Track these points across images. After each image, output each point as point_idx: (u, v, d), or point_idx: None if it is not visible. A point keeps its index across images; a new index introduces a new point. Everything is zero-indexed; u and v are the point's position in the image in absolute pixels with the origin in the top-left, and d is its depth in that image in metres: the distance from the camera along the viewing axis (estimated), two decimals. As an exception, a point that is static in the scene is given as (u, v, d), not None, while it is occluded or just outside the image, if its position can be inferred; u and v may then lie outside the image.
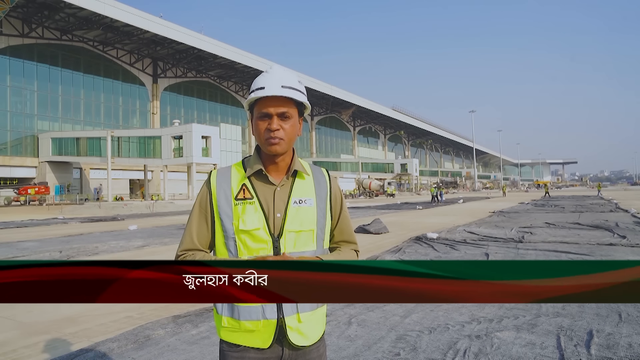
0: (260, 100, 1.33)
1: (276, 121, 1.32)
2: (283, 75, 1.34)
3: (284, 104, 1.33)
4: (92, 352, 3.41)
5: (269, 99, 1.32)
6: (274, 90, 1.30)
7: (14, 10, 34.62)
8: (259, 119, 1.34)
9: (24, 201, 35.11)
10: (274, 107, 1.32)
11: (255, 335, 1.30)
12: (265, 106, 1.32)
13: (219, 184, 1.38)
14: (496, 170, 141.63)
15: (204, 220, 1.38)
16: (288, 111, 1.33)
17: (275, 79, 1.33)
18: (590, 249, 7.96)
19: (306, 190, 1.39)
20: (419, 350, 3.25)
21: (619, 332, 3.56)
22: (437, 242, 9.48)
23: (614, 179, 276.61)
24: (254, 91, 1.35)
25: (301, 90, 1.37)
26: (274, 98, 1.32)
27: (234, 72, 53.38)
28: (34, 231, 14.79)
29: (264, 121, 1.33)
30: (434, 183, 72.51)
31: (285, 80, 1.33)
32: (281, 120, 1.33)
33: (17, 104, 38.87)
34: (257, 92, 1.33)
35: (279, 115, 1.32)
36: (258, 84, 1.34)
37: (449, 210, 23.34)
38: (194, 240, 1.36)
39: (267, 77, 1.34)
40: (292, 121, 1.35)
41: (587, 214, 16.89)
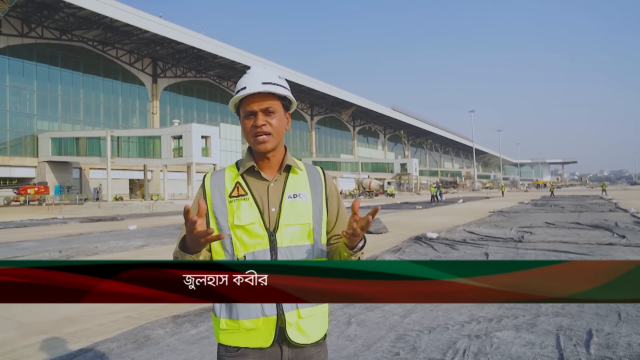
0: (244, 100, 1.36)
1: (261, 117, 1.34)
2: (263, 73, 1.37)
3: (267, 99, 1.35)
4: (91, 352, 3.41)
5: (252, 97, 1.35)
6: (255, 87, 1.33)
7: (14, 10, 34.60)
8: (245, 118, 1.37)
9: (24, 201, 35.11)
10: (257, 104, 1.34)
11: (255, 334, 1.30)
12: (249, 104, 1.35)
13: (213, 184, 1.41)
14: (496, 170, 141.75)
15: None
16: (271, 106, 1.35)
17: (255, 77, 1.36)
18: (589, 249, 7.96)
19: (300, 185, 1.40)
20: (419, 350, 3.25)
21: (618, 331, 3.56)
22: (437, 242, 9.48)
23: (613, 179, 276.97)
24: (236, 93, 1.38)
25: (282, 84, 1.39)
26: (256, 95, 1.34)
27: (233, 72, 53.38)
28: (33, 231, 14.79)
29: (250, 119, 1.36)
30: (433, 183, 72.57)
31: (265, 77, 1.36)
32: (266, 115, 1.35)
33: (17, 104, 38.87)
34: (239, 92, 1.36)
35: (263, 111, 1.35)
36: (240, 86, 1.37)
37: (449, 210, 23.35)
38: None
39: (247, 77, 1.37)
40: (277, 115, 1.37)
41: (586, 213, 16.90)
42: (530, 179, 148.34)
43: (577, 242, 8.77)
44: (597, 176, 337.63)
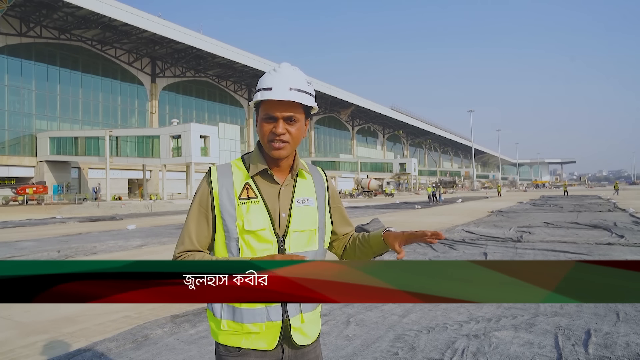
0: (267, 101, 1.27)
1: (282, 125, 1.26)
2: (291, 76, 1.27)
3: (292, 107, 1.26)
4: (90, 352, 3.41)
5: (276, 102, 1.25)
6: (282, 93, 1.24)
7: (12, 9, 34.53)
8: (264, 121, 1.28)
9: (22, 201, 35.07)
10: (280, 111, 1.26)
11: (258, 337, 1.29)
12: (272, 109, 1.26)
13: (220, 181, 1.32)
14: (495, 170, 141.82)
15: (204, 220, 1.32)
16: (295, 115, 1.27)
17: (283, 79, 1.26)
18: (588, 249, 7.98)
19: (308, 190, 1.38)
20: (417, 350, 3.26)
21: (617, 331, 3.57)
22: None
23: (612, 179, 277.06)
24: (260, 90, 1.28)
25: (310, 92, 1.31)
26: (282, 101, 1.25)
27: (232, 72, 53.32)
28: (32, 231, 14.76)
29: (269, 123, 1.27)
30: (432, 182, 72.58)
31: (294, 81, 1.26)
32: (287, 124, 1.27)
33: (15, 104, 38.80)
34: (264, 92, 1.26)
35: (285, 119, 1.27)
36: (265, 84, 1.27)
37: (448, 209, 23.36)
38: (193, 240, 1.30)
39: (274, 76, 1.27)
40: (298, 124, 1.29)
41: (585, 213, 16.93)
42: (529, 179, 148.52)
43: (575, 242, 8.78)
44: (596, 176, 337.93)
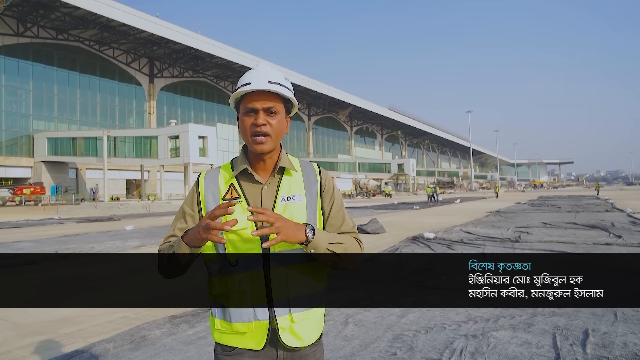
0: (246, 96, 1.31)
1: (262, 116, 1.30)
2: (269, 72, 1.33)
3: (271, 99, 1.30)
4: (87, 352, 3.39)
5: (255, 94, 1.30)
6: (261, 84, 1.28)
7: (9, 9, 34.42)
8: (245, 115, 1.32)
9: (20, 201, 34.94)
10: (260, 102, 1.29)
11: (247, 337, 1.29)
12: (252, 101, 1.30)
13: (206, 184, 1.38)
14: (493, 170, 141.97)
15: (190, 218, 1.40)
16: (275, 106, 1.31)
17: (261, 74, 1.31)
18: (586, 249, 7.99)
19: (294, 187, 1.36)
20: (416, 350, 3.26)
21: (615, 331, 3.57)
22: (434, 242, 9.49)
23: (610, 179, 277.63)
24: (239, 87, 1.32)
25: (288, 86, 1.35)
26: (261, 93, 1.29)
27: (230, 72, 53.27)
28: (29, 231, 14.71)
29: (250, 116, 1.31)
30: (431, 183, 72.64)
31: (272, 76, 1.31)
32: (268, 115, 1.30)
33: (13, 104, 38.66)
34: (243, 87, 1.30)
35: (265, 110, 1.30)
36: (244, 81, 1.32)
37: (446, 210, 23.38)
38: (175, 233, 1.41)
39: (253, 73, 1.32)
40: (278, 117, 1.32)
41: (583, 213, 16.97)
42: (527, 179, 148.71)
43: (573, 242, 8.80)
44: (594, 176, 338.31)
